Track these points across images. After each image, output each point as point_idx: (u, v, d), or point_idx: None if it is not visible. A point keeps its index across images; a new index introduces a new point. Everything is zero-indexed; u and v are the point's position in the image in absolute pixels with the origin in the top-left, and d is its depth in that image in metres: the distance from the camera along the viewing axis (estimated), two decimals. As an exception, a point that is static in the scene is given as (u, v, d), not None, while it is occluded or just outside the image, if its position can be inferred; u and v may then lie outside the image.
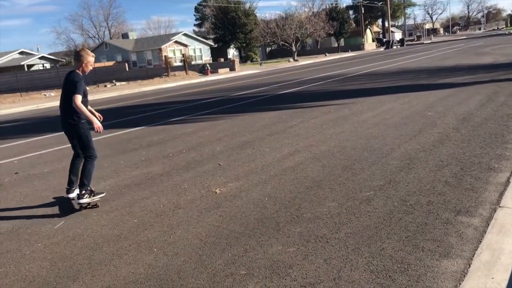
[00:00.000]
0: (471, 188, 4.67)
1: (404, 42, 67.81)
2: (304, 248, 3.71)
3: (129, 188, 6.03)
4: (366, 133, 7.85)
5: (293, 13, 59.85)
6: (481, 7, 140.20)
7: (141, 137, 10.03)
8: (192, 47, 57.10)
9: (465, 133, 7.06)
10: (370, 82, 17.41)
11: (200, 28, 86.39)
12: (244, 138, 8.64)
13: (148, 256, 3.87)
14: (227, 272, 3.43)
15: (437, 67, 20.76)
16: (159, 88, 29.26)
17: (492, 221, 3.86)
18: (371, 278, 3.14)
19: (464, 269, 3.14)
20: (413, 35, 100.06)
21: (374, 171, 5.59)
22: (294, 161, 6.48)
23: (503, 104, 9.16)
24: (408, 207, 4.32)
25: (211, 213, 4.73)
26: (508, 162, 5.40)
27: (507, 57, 22.16)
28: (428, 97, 11.26)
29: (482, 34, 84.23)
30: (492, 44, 38.62)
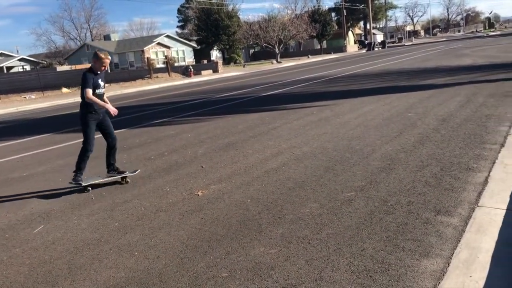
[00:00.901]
0: (450, 188, 4.74)
1: (385, 44, 68.55)
2: (286, 249, 3.71)
3: (110, 191, 5.97)
4: (348, 134, 7.91)
5: (276, 15, 60.06)
6: (460, 10, 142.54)
7: (122, 139, 9.92)
8: (175, 49, 56.82)
9: (445, 133, 7.16)
10: (352, 84, 17.55)
11: (183, 29, 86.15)
12: (227, 140, 8.63)
13: (129, 260, 3.83)
14: (209, 275, 3.42)
15: (418, 69, 21.03)
16: (141, 90, 29.05)
17: (471, 221, 3.91)
18: (352, 278, 3.16)
19: (443, 268, 3.18)
20: (394, 37, 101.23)
21: (356, 172, 5.64)
22: (277, 163, 6.49)
23: (481, 105, 9.32)
24: (389, 207, 4.36)
25: (193, 216, 4.71)
26: (486, 162, 5.49)
27: (486, 59, 22.56)
28: (409, 98, 11.40)
29: (462, 36, 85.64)
30: (471, 46, 39.29)
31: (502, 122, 7.52)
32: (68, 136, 11.37)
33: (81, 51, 58.79)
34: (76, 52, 60.06)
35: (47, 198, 5.97)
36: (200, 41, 59.32)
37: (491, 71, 16.03)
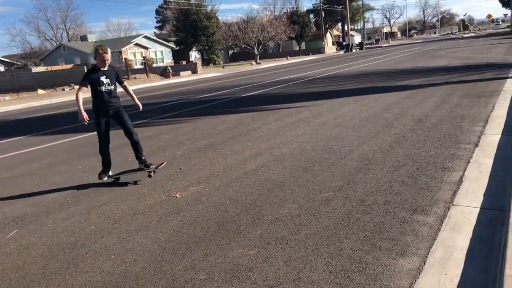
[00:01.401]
0: (426, 187, 4.80)
1: (363, 45, 69.25)
2: (265, 250, 3.71)
3: (86, 194, 5.88)
4: (326, 135, 7.96)
5: (255, 17, 60.13)
6: (436, 12, 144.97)
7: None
8: (153, 50, 56.42)
9: (420, 134, 7.27)
10: (330, 85, 17.68)
11: (161, 30, 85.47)
12: (206, 141, 8.59)
13: (105, 264, 3.78)
14: (187, 278, 3.39)
15: (394, 70, 21.32)
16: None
17: (446, 219, 3.98)
18: (330, 278, 3.17)
19: (420, 267, 3.22)
20: (372, 39, 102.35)
21: (334, 172, 5.67)
22: (256, 164, 6.49)
23: (456, 106, 9.50)
24: (366, 207, 4.40)
25: (171, 218, 4.67)
26: (461, 161, 5.59)
27: (460, 60, 23.01)
28: (386, 99, 11.54)
29: (437, 38, 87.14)
30: (446, 47, 40.02)
31: (476, 122, 7.67)
32: (43, 138, 11.16)
33: (57, 52, 57.88)
34: (52, 53, 59.10)
35: (21, 202, 5.85)
36: (179, 42, 59.00)
37: (466, 72, 16.36)
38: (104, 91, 5.89)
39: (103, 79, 5.85)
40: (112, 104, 6.00)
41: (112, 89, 5.98)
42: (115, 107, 6.06)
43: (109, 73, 5.95)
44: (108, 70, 5.93)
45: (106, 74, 5.90)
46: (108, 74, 5.93)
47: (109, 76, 5.93)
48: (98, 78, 5.82)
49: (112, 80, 5.96)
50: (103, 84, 5.87)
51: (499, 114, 8.17)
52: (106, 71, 5.91)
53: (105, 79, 5.87)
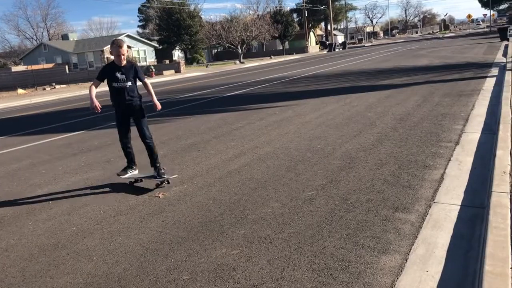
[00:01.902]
0: (408, 185, 4.86)
1: (346, 45, 69.71)
2: (248, 249, 3.71)
3: (67, 195, 5.80)
4: (309, 134, 7.99)
5: (238, 16, 60.10)
6: (417, 11, 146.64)
7: (81, 141, 9.69)
8: (136, 49, 55.91)
9: (402, 132, 7.34)
10: (313, 84, 17.75)
11: (144, 29, 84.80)
12: (189, 141, 8.55)
13: (87, 265, 3.73)
14: (170, 278, 3.37)
15: (377, 69, 21.50)
16: (101, 90, 28.16)
17: (427, 217, 4.02)
18: (313, 277, 3.18)
19: (401, 264, 3.25)
20: (354, 38, 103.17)
21: (317, 171, 5.70)
22: (239, 163, 6.48)
23: (437, 104, 9.62)
24: (349, 205, 4.43)
25: (153, 219, 4.64)
26: (442, 159, 5.66)
27: (441, 59, 23.31)
28: (368, 98, 11.63)
29: (419, 37, 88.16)
30: (427, 47, 40.50)
31: (456, 121, 7.78)
32: (24, 138, 10.98)
33: (37, 51, 56.98)
34: (32, 52, 58.15)
35: (1, 203, 5.74)
36: (162, 41, 58.62)
37: (446, 71, 16.58)
38: (118, 87, 5.61)
39: (118, 75, 5.56)
40: (128, 102, 5.67)
41: (127, 86, 5.61)
42: (131, 105, 5.72)
43: (127, 69, 5.60)
44: (125, 66, 5.59)
45: (123, 70, 5.57)
46: (125, 70, 5.58)
47: (126, 72, 5.59)
48: (113, 74, 5.56)
49: (128, 76, 5.60)
50: (117, 80, 5.58)
51: (479, 113, 8.30)
52: (123, 67, 5.57)
53: (121, 75, 5.56)
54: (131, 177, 6.01)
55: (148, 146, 5.88)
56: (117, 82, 5.59)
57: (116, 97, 5.71)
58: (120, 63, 5.54)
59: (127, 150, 6.02)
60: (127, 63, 5.63)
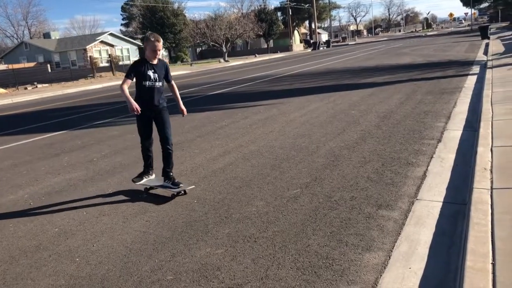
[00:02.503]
0: (391, 182, 4.90)
1: (330, 43, 69.96)
2: (233, 249, 3.70)
3: (49, 196, 5.72)
4: (294, 132, 8.01)
5: (223, 14, 59.90)
6: (401, 10, 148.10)
7: (63, 141, 9.56)
8: (119, 47, 55.41)
9: (386, 130, 7.40)
10: (298, 83, 17.79)
11: (127, 27, 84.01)
12: (173, 140, 8.46)
13: (69, 267, 3.68)
14: (154, 278, 3.35)
15: (360, 68, 21.64)
16: (84, 89, 28.11)
17: (410, 214, 4.06)
18: (298, 275, 3.19)
19: (385, 261, 3.28)
20: (338, 37, 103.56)
21: (301, 169, 5.71)
22: (224, 162, 6.46)
23: (420, 102, 9.72)
24: (333, 203, 4.45)
25: (137, 219, 4.60)
26: (425, 156, 5.72)
27: (424, 57, 23.55)
28: (352, 96, 11.70)
29: (402, 36, 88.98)
30: (410, 45, 40.88)
31: (439, 118, 7.87)
32: (5, 139, 10.79)
33: (18, 50, 56.05)
34: (13, 51, 57.18)
35: (-19, 205, 5.64)
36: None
37: (429, 69, 16.75)
38: (149, 87, 5.10)
39: (150, 73, 5.05)
40: (156, 104, 5.21)
41: (158, 86, 5.15)
42: (159, 108, 5.26)
43: (158, 68, 5.13)
44: (157, 64, 5.12)
45: (155, 68, 5.09)
46: (157, 68, 5.12)
47: (158, 71, 5.12)
48: (144, 72, 5.04)
49: (160, 76, 5.15)
50: (149, 79, 5.07)
51: (461, 110, 8.41)
52: (155, 65, 5.09)
53: (153, 74, 5.07)
54: (146, 185, 5.54)
55: (167, 153, 5.37)
56: (148, 81, 5.08)
57: (144, 97, 5.15)
58: (153, 60, 5.07)
59: (148, 154, 5.50)
60: (159, 61, 5.19)
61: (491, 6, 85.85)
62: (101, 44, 53.11)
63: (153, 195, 5.40)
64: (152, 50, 4.99)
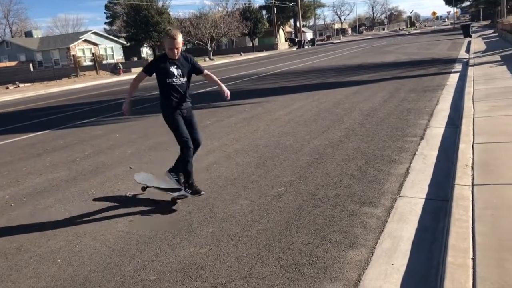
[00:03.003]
0: (374, 180, 4.93)
1: (315, 42, 70.15)
2: (217, 248, 3.69)
3: (31, 197, 5.64)
4: (279, 130, 8.02)
5: (207, 12, 59.70)
6: (384, 9, 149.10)
7: (46, 141, 9.44)
8: (103, 46, 54.89)
9: (369, 128, 7.45)
10: (283, 81, 17.82)
11: (111, 26, 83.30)
12: (157, 139, 8.44)
13: (51, 268, 3.64)
14: (137, 279, 3.32)
15: (345, 66, 21.75)
16: (67, 89, 27.78)
17: (393, 210, 4.10)
18: (281, 273, 3.19)
19: (368, 258, 3.30)
20: (323, 35, 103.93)
21: (286, 167, 5.72)
22: (208, 161, 6.44)
23: (403, 100, 9.80)
24: (317, 201, 4.46)
25: (120, 219, 4.56)
26: (408, 154, 5.77)
27: (407, 56, 23.77)
28: (336, 95, 11.75)
29: (386, 34, 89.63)
30: (394, 43, 41.23)
31: (421, 116, 7.95)
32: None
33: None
34: (-6, 50, 56.28)
35: (-40, 207, 5.54)
36: (130, 38, 57.60)
37: (412, 67, 16.91)
38: (175, 84, 4.66)
39: (173, 70, 4.63)
40: (185, 103, 4.81)
41: (183, 83, 4.73)
42: (187, 107, 4.85)
43: (181, 63, 4.70)
44: (179, 60, 4.69)
45: (177, 64, 4.67)
46: (180, 64, 4.69)
47: (181, 66, 4.69)
48: (167, 68, 4.62)
49: (184, 71, 4.72)
50: (173, 75, 4.64)
51: (443, 108, 8.51)
52: (178, 61, 4.66)
53: (176, 70, 4.65)
54: (143, 184, 5.28)
55: (195, 152, 4.91)
56: (173, 78, 4.66)
57: (171, 97, 4.73)
58: (173, 56, 4.62)
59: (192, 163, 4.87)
60: (182, 55, 4.74)
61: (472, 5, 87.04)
62: (84, 43, 52.56)
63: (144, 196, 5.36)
64: (169, 48, 4.59)
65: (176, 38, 4.55)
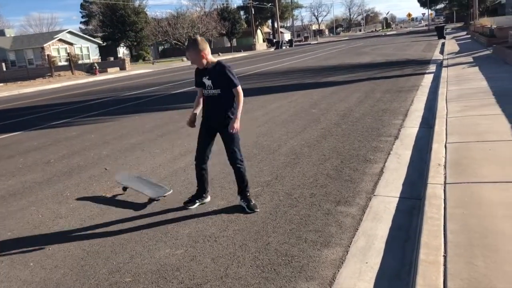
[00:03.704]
0: (349, 179, 4.98)
1: (292, 42, 70.50)
2: (192, 249, 3.67)
3: (3, 199, 5.51)
4: (256, 130, 8.03)
5: (185, 12, 59.41)
6: (361, 10, 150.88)
7: (18, 142, 9.24)
8: (79, 46, 53.98)
9: (345, 128, 7.53)
10: (261, 82, 17.85)
11: (87, 25, 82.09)
12: (133, 140, 8.36)
13: (23, 272, 3.56)
14: (111, 281, 3.28)
15: (321, 67, 21.92)
16: (42, 89, 27.26)
17: (368, 209, 4.15)
18: (257, 272, 3.20)
19: (342, 257, 3.33)
20: (301, 36, 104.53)
21: (262, 167, 5.74)
22: (186, 162, 6.41)
23: (378, 100, 9.94)
24: (293, 200, 4.49)
25: (95, 221, 4.50)
26: (382, 153, 5.85)
27: (383, 57, 24.10)
28: (313, 95, 11.84)
29: (363, 35, 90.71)
30: (371, 44, 41.74)
31: (396, 116, 8.07)
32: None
33: (-30, 48, 53.75)
34: (-36, 49, 54.79)
35: None
36: (106, 38, 56.95)
37: (388, 68, 17.16)
38: (206, 95, 4.47)
39: (204, 80, 4.42)
40: (216, 114, 4.48)
41: (216, 94, 4.39)
42: (221, 119, 4.46)
43: (212, 73, 4.38)
44: (210, 69, 4.39)
45: (209, 74, 4.39)
46: (211, 74, 4.38)
47: (212, 76, 4.37)
48: (200, 79, 4.47)
49: (216, 82, 4.36)
50: (204, 86, 4.45)
51: (417, 108, 8.66)
52: (208, 71, 4.39)
53: (207, 81, 4.40)
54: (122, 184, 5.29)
55: (237, 171, 4.54)
56: (204, 88, 4.47)
57: (204, 106, 4.58)
58: (201, 66, 4.40)
59: (201, 172, 4.71)
60: (214, 66, 4.42)
61: (446, 7, 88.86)
62: (59, 42, 51.63)
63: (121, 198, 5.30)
64: (189, 59, 4.45)
65: (188, 50, 4.40)
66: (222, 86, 4.36)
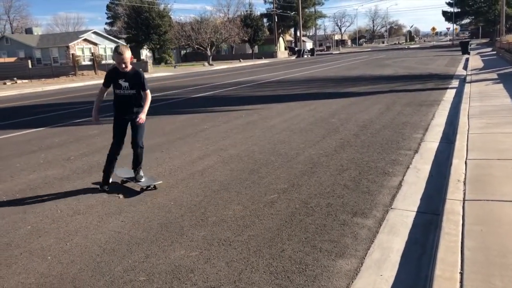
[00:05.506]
0: (367, 191, 4.96)
1: (314, 51, 70.52)
2: (207, 251, 3.70)
3: (23, 193, 5.63)
4: (274, 138, 8.04)
5: (209, 18, 59.86)
6: (385, 22, 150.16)
7: (41, 138, 9.42)
8: (103, 46, 54.91)
9: (364, 139, 7.49)
10: (280, 89, 17.89)
11: (112, 27, 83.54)
12: (153, 141, 8.44)
13: (41, 265, 3.63)
14: (126, 279, 3.32)
15: (343, 77, 21.86)
16: (65, 87, 27.75)
17: (384, 222, 4.12)
18: (270, 279, 3.20)
19: (357, 268, 3.32)
20: (323, 45, 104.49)
21: (279, 174, 5.74)
22: (203, 165, 6.46)
23: (399, 113, 9.87)
24: (309, 209, 4.48)
25: (112, 219, 4.56)
26: (401, 167, 5.81)
27: (406, 69, 23.93)
28: (332, 105, 11.81)
29: (385, 47, 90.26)
30: (393, 57, 41.50)
31: (417, 130, 8.00)
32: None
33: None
34: (-7, 45, 56.17)
35: (-48, 200, 5.52)
36: (130, 40, 57.70)
37: (410, 81, 17.03)
38: (121, 95, 5.38)
39: (121, 83, 5.29)
40: (130, 111, 5.44)
41: (131, 94, 5.37)
42: (134, 114, 5.44)
43: (130, 76, 5.29)
44: (129, 73, 5.29)
45: (126, 77, 5.28)
46: (129, 77, 5.28)
47: (129, 79, 5.28)
48: (116, 81, 5.31)
49: (132, 84, 5.30)
50: (121, 88, 5.32)
51: (438, 123, 8.57)
52: (127, 74, 5.28)
53: (123, 83, 5.28)
54: (122, 177, 5.88)
55: (137, 155, 5.69)
56: (120, 89, 5.34)
57: (118, 105, 5.51)
58: (122, 70, 5.25)
59: (113, 162, 5.67)
60: (131, 70, 5.33)
61: (472, 23, 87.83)
62: (84, 42, 52.59)
63: (126, 188, 5.51)
64: (117, 62, 5.22)
65: (124, 53, 5.14)
66: (135, 87, 5.34)
